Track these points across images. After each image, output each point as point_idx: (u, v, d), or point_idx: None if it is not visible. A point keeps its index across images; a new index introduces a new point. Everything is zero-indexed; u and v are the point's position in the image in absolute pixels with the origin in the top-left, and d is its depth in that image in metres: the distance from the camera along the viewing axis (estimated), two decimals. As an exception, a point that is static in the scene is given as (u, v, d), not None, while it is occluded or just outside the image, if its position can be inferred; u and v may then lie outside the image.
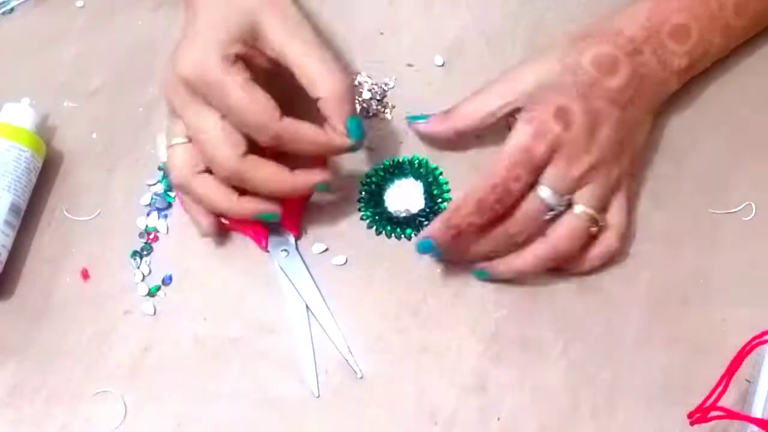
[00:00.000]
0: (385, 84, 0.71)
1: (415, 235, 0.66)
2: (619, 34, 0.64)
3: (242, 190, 0.62)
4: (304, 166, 0.62)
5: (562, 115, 0.61)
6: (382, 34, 0.73)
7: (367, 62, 0.72)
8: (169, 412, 0.62)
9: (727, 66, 0.70)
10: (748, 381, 0.60)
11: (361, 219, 0.67)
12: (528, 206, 0.61)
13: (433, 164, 0.68)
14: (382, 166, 0.68)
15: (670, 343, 0.63)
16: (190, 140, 0.62)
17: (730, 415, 0.56)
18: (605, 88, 0.62)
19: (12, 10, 0.75)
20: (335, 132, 0.61)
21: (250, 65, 0.61)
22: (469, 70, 0.71)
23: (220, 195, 0.62)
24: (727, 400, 0.58)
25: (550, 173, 0.61)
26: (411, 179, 0.68)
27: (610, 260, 0.64)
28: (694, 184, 0.67)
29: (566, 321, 0.64)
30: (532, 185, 0.61)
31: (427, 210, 0.66)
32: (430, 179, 0.67)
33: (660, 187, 0.67)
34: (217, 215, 0.65)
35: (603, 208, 0.63)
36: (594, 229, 0.62)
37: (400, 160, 0.68)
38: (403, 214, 0.66)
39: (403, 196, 0.67)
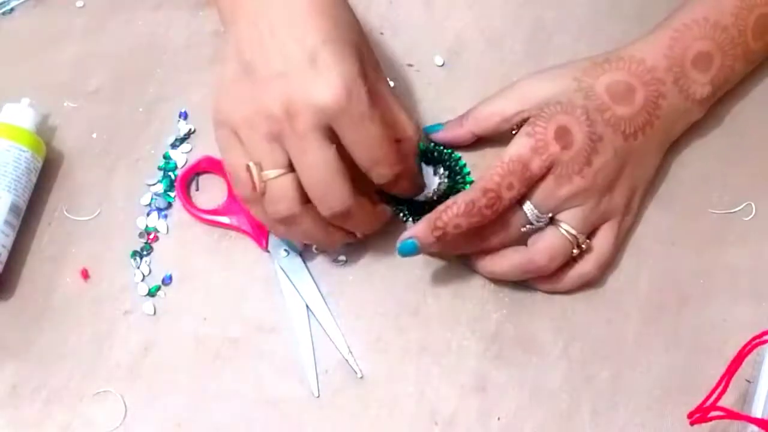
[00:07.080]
0: (385, 84, 0.71)
1: None
2: (640, 63, 0.63)
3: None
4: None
5: (563, 134, 0.61)
6: (382, 34, 0.73)
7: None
8: (169, 412, 0.62)
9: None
10: (748, 381, 0.60)
11: (404, 221, 0.65)
12: (507, 215, 0.61)
13: (431, 144, 0.66)
14: None
15: (670, 342, 0.63)
16: (292, 170, 0.57)
17: (730, 415, 0.56)
18: (614, 115, 0.62)
19: (12, 10, 0.75)
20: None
21: None
22: (469, 70, 0.71)
23: (321, 227, 0.60)
24: (727, 400, 0.58)
25: (538, 189, 0.61)
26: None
27: (585, 285, 0.64)
28: (695, 184, 0.67)
29: (566, 321, 0.64)
30: (524, 197, 0.61)
31: (452, 182, 0.64)
32: (435, 154, 0.65)
33: (660, 187, 0.67)
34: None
35: (588, 232, 0.63)
36: (575, 251, 0.62)
37: None
38: (436, 195, 0.64)
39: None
